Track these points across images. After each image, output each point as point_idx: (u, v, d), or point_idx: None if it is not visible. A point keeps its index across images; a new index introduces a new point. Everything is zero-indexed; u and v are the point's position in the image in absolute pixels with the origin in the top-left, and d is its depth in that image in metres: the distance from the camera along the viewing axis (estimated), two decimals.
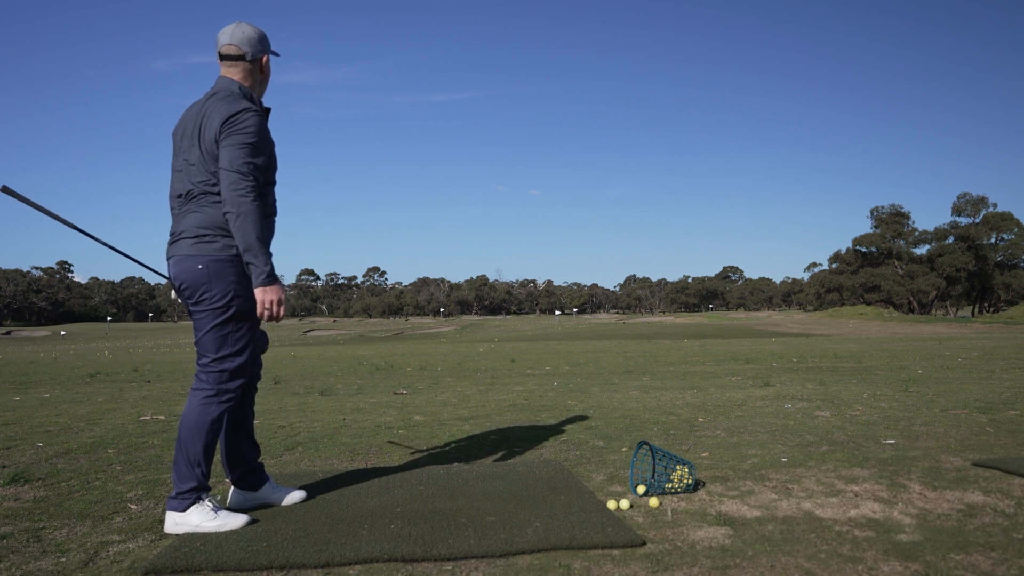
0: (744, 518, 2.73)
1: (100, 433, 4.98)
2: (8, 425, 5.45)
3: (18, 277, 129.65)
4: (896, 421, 4.92)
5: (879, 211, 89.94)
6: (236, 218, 2.55)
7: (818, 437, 4.37)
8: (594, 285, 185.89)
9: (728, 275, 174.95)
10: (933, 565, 2.20)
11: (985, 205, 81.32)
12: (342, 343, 48.17)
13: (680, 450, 4.02)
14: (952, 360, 12.07)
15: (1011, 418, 4.99)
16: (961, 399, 6.08)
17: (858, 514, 2.75)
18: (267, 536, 2.53)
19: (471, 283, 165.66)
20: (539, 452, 4.08)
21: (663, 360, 13.86)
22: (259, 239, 2.57)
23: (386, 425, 5.14)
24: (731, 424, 4.94)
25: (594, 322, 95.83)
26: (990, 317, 69.42)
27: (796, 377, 8.88)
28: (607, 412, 5.69)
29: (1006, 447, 3.96)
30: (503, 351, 21.10)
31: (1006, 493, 2.99)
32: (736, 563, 2.25)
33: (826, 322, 64.13)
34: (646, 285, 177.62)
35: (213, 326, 2.66)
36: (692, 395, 6.85)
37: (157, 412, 6.18)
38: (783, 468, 3.54)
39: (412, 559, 2.32)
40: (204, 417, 2.68)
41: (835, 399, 6.27)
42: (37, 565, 2.31)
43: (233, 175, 2.55)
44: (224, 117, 2.60)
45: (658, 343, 26.81)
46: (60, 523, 2.77)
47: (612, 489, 3.20)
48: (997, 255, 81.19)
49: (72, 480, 3.51)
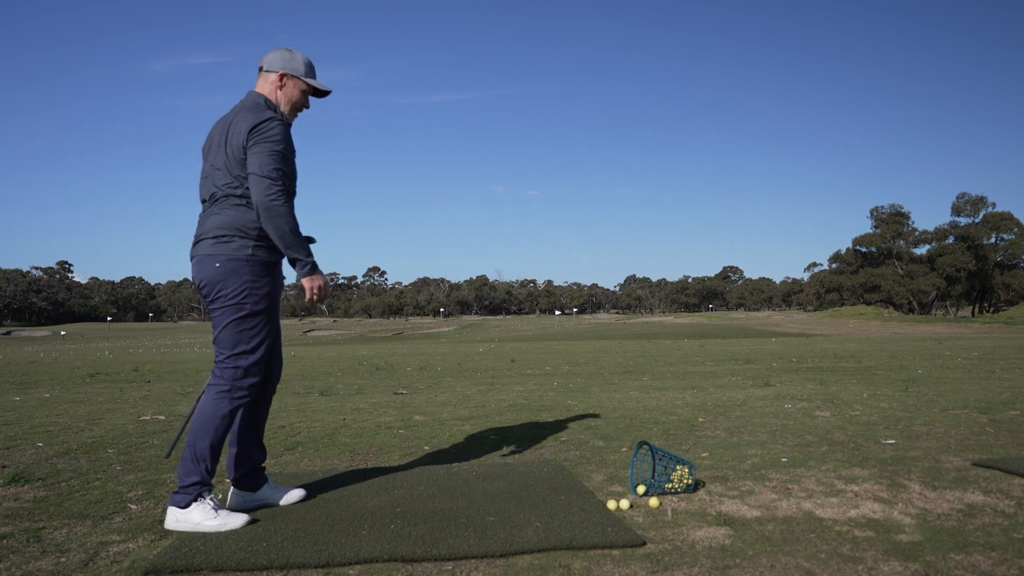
0: (744, 518, 2.73)
1: (100, 433, 4.98)
2: (8, 425, 5.45)
3: (18, 277, 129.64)
4: (896, 421, 4.92)
5: (879, 211, 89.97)
6: (270, 220, 2.68)
7: (818, 437, 4.37)
8: (594, 285, 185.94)
9: (728, 275, 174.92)
10: (933, 565, 2.20)
11: (985, 205, 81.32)
12: (342, 343, 48.17)
13: (680, 450, 4.02)
14: (952, 360, 12.07)
15: (1011, 418, 4.99)
16: (961, 399, 6.08)
17: (858, 514, 2.75)
18: (267, 536, 2.52)
19: (471, 283, 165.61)
20: (539, 452, 4.08)
21: (663, 360, 13.86)
22: (295, 234, 2.72)
23: (386, 425, 5.14)
24: (731, 424, 4.94)
25: (594, 322, 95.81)
26: (990, 317, 69.43)
27: (796, 377, 8.88)
28: (607, 412, 5.69)
29: (1006, 447, 3.96)
30: (503, 351, 21.10)
31: (1006, 493, 2.98)
32: (736, 563, 2.25)
33: (826, 322, 64.13)
34: (646, 285, 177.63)
35: (228, 323, 2.74)
36: (692, 395, 6.85)
37: (157, 412, 6.17)
38: (783, 468, 3.54)
39: (412, 559, 2.32)
40: (216, 412, 2.72)
41: (835, 399, 6.27)
42: (37, 565, 2.31)
43: (264, 180, 2.68)
44: (251, 125, 2.72)
45: (658, 343, 26.81)
46: (60, 523, 2.77)
47: (612, 489, 3.20)
48: (997, 255, 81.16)
49: (72, 480, 3.51)
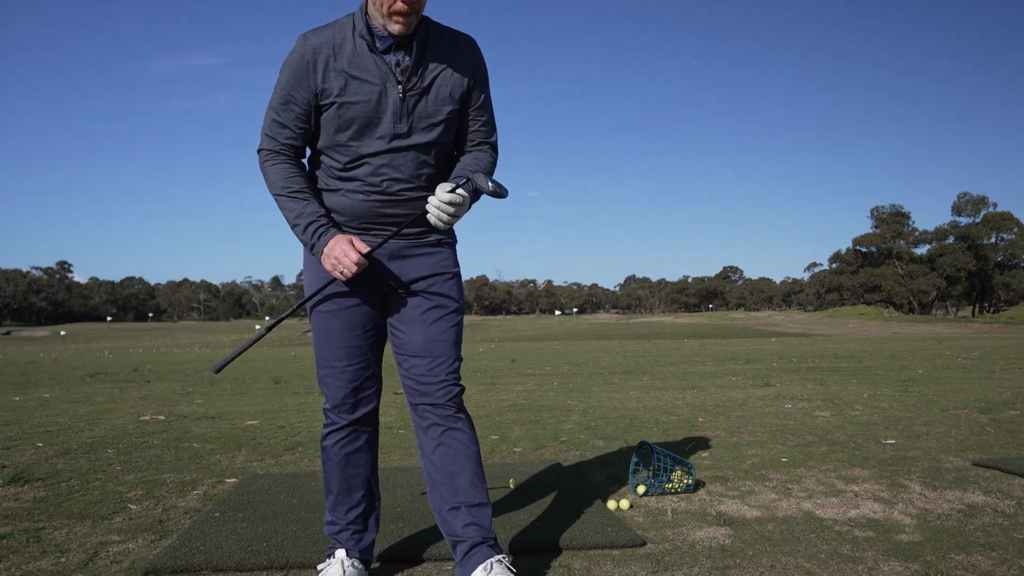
0: (744, 518, 2.73)
1: (100, 433, 4.98)
2: (8, 425, 5.45)
3: (18, 277, 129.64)
4: (896, 421, 4.92)
5: (879, 211, 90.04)
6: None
7: (818, 437, 4.37)
8: (594, 285, 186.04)
9: (728, 275, 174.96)
10: (933, 565, 2.20)
11: (985, 205, 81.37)
12: None
13: (680, 450, 4.02)
14: (952, 360, 12.06)
15: (1011, 418, 4.98)
16: (961, 399, 6.08)
17: (858, 514, 2.75)
18: (267, 536, 2.52)
19: (471, 283, 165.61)
20: (539, 452, 4.07)
21: (663, 360, 13.86)
22: (280, 200, 2.02)
23: (386, 425, 5.14)
24: (731, 424, 4.94)
25: (594, 322, 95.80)
26: (990, 317, 69.42)
27: (796, 377, 8.88)
28: (607, 412, 5.69)
29: (1006, 447, 3.96)
30: (503, 351, 21.10)
31: (1006, 493, 2.98)
32: (736, 563, 2.25)
33: (826, 322, 64.11)
34: (646, 285, 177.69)
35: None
36: (692, 395, 6.85)
37: (157, 412, 6.18)
38: (783, 468, 3.54)
39: (412, 559, 2.32)
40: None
41: (835, 399, 6.27)
42: (37, 565, 2.30)
43: None
44: None
45: (658, 343, 26.81)
46: (60, 523, 2.77)
47: (612, 489, 3.20)
48: (997, 255, 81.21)
49: (72, 480, 3.51)
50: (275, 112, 2.00)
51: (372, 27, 1.94)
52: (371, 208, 2.02)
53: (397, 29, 1.90)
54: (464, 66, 2.05)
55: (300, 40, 1.97)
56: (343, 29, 1.97)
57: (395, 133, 1.98)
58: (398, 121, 1.97)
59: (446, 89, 2.02)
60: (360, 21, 1.95)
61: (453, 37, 2.06)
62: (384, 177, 2.00)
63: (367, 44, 1.94)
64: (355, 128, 1.97)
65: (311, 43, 1.95)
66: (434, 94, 2.00)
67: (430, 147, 2.03)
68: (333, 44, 1.95)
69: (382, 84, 1.95)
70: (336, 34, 1.96)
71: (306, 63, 1.94)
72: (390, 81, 1.96)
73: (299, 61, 1.95)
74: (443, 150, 2.09)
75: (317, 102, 1.97)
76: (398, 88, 1.96)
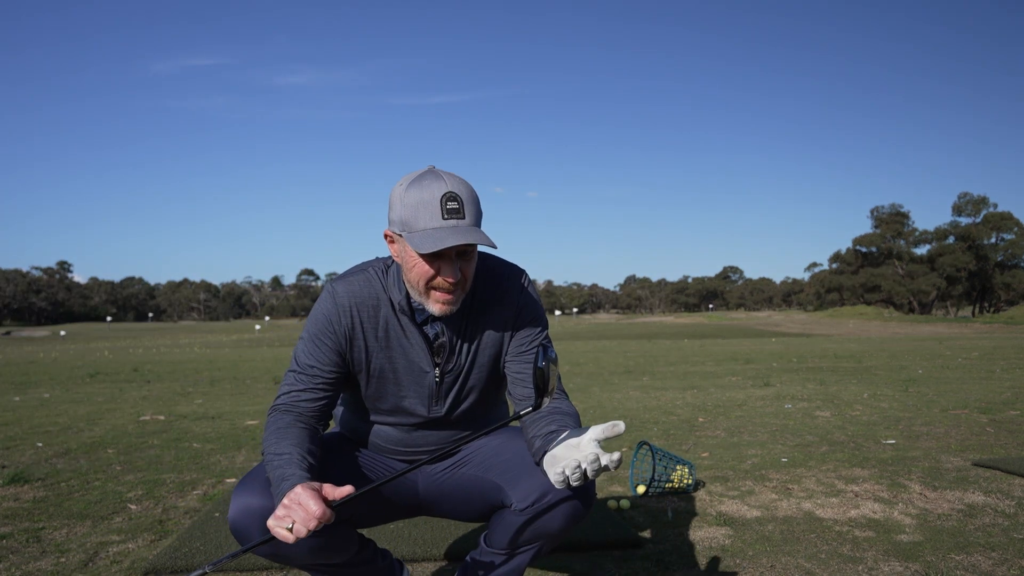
0: (744, 518, 2.73)
1: (100, 433, 4.97)
2: (8, 425, 5.45)
3: (18, 277, 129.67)
4: (896, 421, 4.92)
5: (879, 211, 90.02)
6: None
7: (818, 437, 4.37)
8: (594, 285, 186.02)
9: (728, 275, 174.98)
10: (933, 565, 2.20)
11: (986, 205, 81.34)
12: None
13: (680, 450, 4.02)
14: (952, 360, 12.06)
15: (1011, 418, 4.99)
16: (961, 399, 6.08)
17: (858, 514, 2.75)
18: None
19: None
20: None
21: (663, 360, 13.86)
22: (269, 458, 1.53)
23: None
24: (731, 424, 4.94)
25: (594, 322, 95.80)
26: (990, 317, 69.39)
27: (796, 377, 8.88)
28: (607, 412, 5.69)
29: (1006, 447, 3.96)
30: None
31: (1006, 493, 2.98)
32: (736, 563, 2.25)
33: (826, 322, 64.10)
34: (646, 285, 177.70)
35: None
36: (692, 395, 6.85)
37: (157, 412, 6.18)
38: (783, 468, 3.54)
39: (412, 559, 2.32)
40: None
41: (835, 399, 6.27)
42: (37, 565, 2.30)
43: None
44: None
45: (658, 343, 26.79)
46: (60, 523, 2.77)
47: (612, 489, 3.20)
48: (997, 255, 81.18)
49: (72, 480, 3.51)
50: (296, 368, 1.67)
51: (410, 298, 1.63)
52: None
53: (437, 310, 1.57)
54: (506, 315, 1.69)
55: (329, 295, 1.65)
56: (373, 288, 1.65)
57: (430, 417, 1.71)
58: (433, 404, 1.69)
59: (488, 354, 1.70)
60: (396, 291, 1.63)
61: (496, 282, 1.70)
62: (417, 449, 1.76)
63: (408, 318, 1.63)
64: (385, 409, 1.71)
65: (342, 302, 1.63)
66: (477, 372, 1.70)
67: (471, 413, 1.75)
68: (370, 306, 1.64)
69: (417, 366, 1.66)
70: (369, 294, 1.65)
71: (333, 329, 1.63)
72: (424, 361, 1.66)
73: (326, 324, 1.64)
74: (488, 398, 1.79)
75: (344, 369, 1.66)
76: (435, 372, 1.66)
